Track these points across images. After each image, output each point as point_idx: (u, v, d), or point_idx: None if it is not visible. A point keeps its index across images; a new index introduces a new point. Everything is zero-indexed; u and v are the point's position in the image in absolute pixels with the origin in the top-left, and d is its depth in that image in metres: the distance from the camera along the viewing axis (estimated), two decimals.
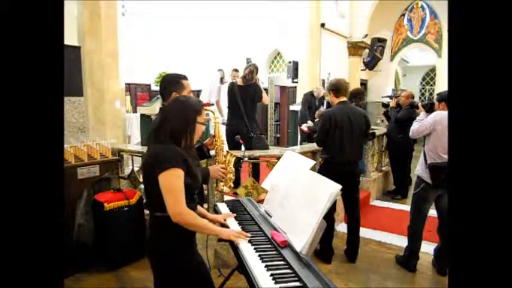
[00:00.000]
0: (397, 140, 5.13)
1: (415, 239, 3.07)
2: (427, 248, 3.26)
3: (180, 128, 1.56)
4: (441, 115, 2.84)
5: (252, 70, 4.07)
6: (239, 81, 4.14)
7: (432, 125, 2.85)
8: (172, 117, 1.57)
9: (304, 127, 6.43)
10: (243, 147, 3.62)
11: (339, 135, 3.08)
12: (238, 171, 3.77)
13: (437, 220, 3.08)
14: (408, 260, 3.09)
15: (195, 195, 1.67)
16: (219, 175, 2.09)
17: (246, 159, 3.46)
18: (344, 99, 3.16)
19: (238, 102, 4.05)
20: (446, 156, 2.79)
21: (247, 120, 4.07)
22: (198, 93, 7.07)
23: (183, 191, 1.49)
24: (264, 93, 4.24)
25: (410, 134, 3.15)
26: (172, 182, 1.47)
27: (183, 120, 1.57)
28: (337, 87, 3.16)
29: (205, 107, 1.74)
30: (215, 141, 2.21)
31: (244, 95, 4.07)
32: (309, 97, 6.62)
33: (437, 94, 3.14)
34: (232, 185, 2.29)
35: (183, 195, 1.49)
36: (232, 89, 4.13)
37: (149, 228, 1.64)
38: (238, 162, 2.69)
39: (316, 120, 6.48)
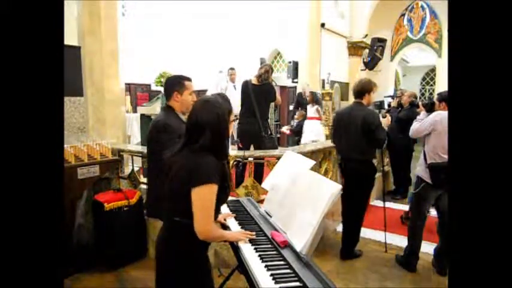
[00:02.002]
0: (398, 139, 5.12)
1: (415, 238, 3.07)
2: (427, 248, 3.26)
3: (220, 138, 1.50)
4: (441, 115, 2.84)
5: (268, 70, 4.07)
6: (254, 80, 4.11)
7: (432, 125, 2.85)
8: (210, 127, 1.47)
9: (285, 129, 6.39)
10: (251, 148, 3.62)
11: (338, 132, 3.33)
12: (239, 172, 3.77)
13: (437, 220, 3.08)
14: (408, 259, 3.10)
15: (220, 207, 1.65)
16: None
17: (250, 159, 3.47)
18: (357, 100, 3.26)
19: (252, 101, 4.02)
20: (446, 156, 2.79)
21: (260, 120, 4.05)
22: (200, 93, 7.06)
23: (213, 209, 1.45)
24: (278, 94, 4.23)
25: (410, 133, 3.16)
26: (206, 199, 1.42)
27: (222, 129, 1.50)
28: (353, 90, 3.33)
29: None
30: None
31: (259, 94, 4.04)
32: (299, 98, 6.60)
33: (438, 94, 3.13)
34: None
35: (213, 213, 1.45)
36: (247, 87, 4.09)
37: (163, 229, 1.58)
38: (237, 164, 2.70)
39: (296, 120, 6.46)
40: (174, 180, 1.50)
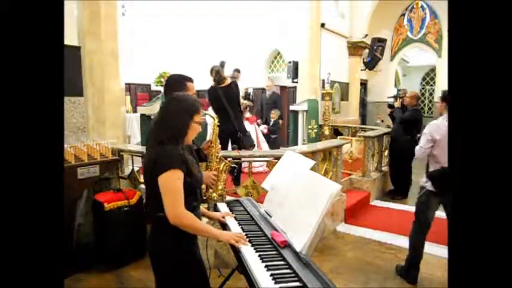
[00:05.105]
0: (402, 140, 5.12)
1: (416, 250, 2.96)
2: (428, 248, 3.24)
3: (177, 127, 1.54)
4: (434, 125, 2.78)
5: (217, 70, 4.15)
6: (216, 85, 4.18)
7: (431, 136, 2.78)
8: (169, 116, 1.56)
9: (263, 128, 6.37)
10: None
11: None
12: (237, 175, 3.79)
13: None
14: (408, 271, 2.98)
15: (197, 194, 1.66)
16: (210, 182, 2.07)
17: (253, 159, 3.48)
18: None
19: (223, 104, 4.10)
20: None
21: (234, 120, 4.12)
22: (199, 93, 7.05)
23: (181, 193, 1.48)
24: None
25: (418, 158, 2.96)
26: (171, 184, 1.46)
27: (181, 119, 1.55)
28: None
29: (203, 111, 1.74)
30: (211, 146, 2.21)
31: (228, 96, 4.12)
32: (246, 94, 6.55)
33: (442, 91, 3.00)
34: (220, 193, 2.27)
35: (182, 197, 1.48)
36: (216, 91, 4.16)
37: (151, 228, 1.64)
38: (232, 170, 2.71)
39: (272, 119, 6.44)
40: (146, 174, 1.59)
